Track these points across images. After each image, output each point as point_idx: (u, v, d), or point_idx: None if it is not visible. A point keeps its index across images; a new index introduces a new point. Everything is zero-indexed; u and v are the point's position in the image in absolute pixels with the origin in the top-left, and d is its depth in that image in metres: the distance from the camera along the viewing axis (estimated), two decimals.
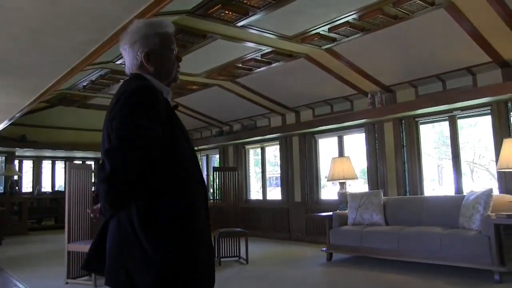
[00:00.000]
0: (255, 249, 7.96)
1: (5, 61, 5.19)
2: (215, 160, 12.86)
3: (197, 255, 1.84)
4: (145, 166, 1.75)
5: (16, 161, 13.40)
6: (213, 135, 12.03)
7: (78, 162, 14.17)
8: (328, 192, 9.80)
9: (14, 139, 11.93)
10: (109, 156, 1.76)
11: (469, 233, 5.42)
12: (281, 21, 5.74)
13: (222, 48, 6.53)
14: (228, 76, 8.27)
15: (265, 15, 5.47)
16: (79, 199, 5.95)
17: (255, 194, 11.40)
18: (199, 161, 1.98)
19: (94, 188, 12.58)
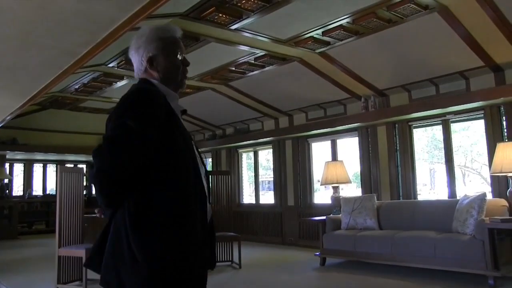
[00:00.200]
0: (248, 253, 7.91)
1: None
2: (208, 164, 12.81)
3: (186, 261, 1.80)
4: (134, 167, 1.72)
5: (6, 164, 13.30)
6: (205, 139, 11.98)
7: (69, 165, 14.06)
8: (321, 196, 9.78)
9: (4, 142, 11.81)
10: (95, 156, 1.74)
11: (463, 238, 5.41)
12: (274, 24, 5.72)
13: (215, 51, 6.49)
14: (221, 79, 8.24)
15: (258, 18, 5.45)
16: (71, 203, 5.87)
17: (247, 198, 11.36)
18: (203, 164, 1.99)
19: (85, 191, 12.57)
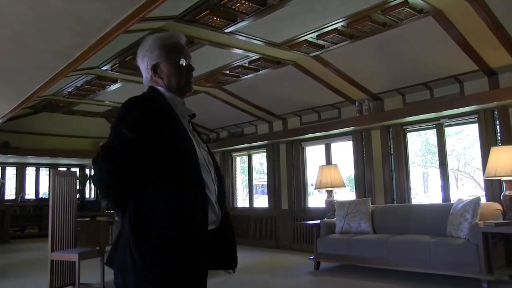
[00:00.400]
0: (241, 257, 7.76)
1: None
2: None
3: (184, 267, 1.84)
4: (130, 173, 1.83)
5: None
6: None
7: (63, 169, 14.00)
8: (315, 200, 9.77)
9: None
10: (93, 163, 1.87)
11: (457, 242, 5.41)
12: (269, 27, 5.71)
13: (209, 54, 6.45)
14: (215, 83, 8.21)
15: (253, 21, 5.43)
16: (64, 206, 5.83)
17: (241, 201, 11.33)
18: (215, 168, 2.01)
19: (78, 195, 12.50)
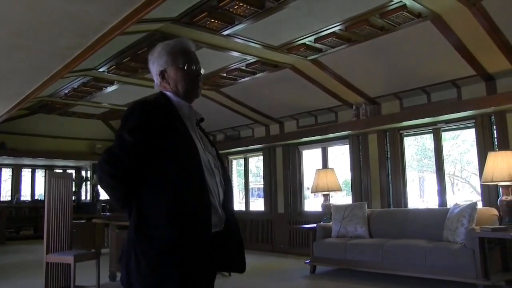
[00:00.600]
0: None
1: None
2: None
3: (185, 267, 1.87)
4: (131, 176, 1.91)
5: None
6: None
7: (58, 170, 13.94)
8: (311, 203, 9.74)
9: None
10: (97, 167, 1.96)
11: (454, 246, 5.40)
12: (267, 30, 5.70)
13: (207, 57, 6.40)
14: (212, 85, 8.19)
15: (251, 24, 5.42)
16: (59, 208, 5.81)
17: (237, 205, 11.29)
18: (221, 170, 2.03)
19: (74, 197, 12.44)
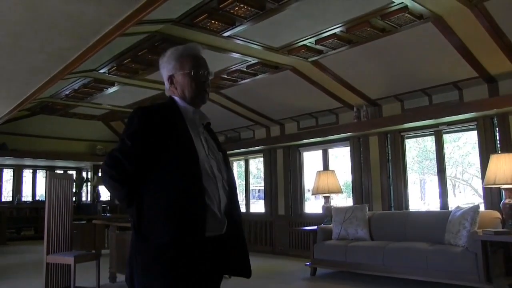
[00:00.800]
0: None
1: None
2: None
3: (175, 267, 1.91)
4: (130, 179, 1.97)
5: None
6: None
7: (59, 171, 13.93)
8: (312, 205, 9.72)
9: None
10: (101, 167, 2.08)
11: (456, 249, 5.36)
12: (267, 32, 5.68)
13: (207, 58, 6.29)
14: (212, 87, 8.17)
15: (251, 25, 5.40)
16: (60, 209, 5.79)
17: None
18: (226, 172, 2.06)
19: (75, 198, 12.42)
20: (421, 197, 12.53)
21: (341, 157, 9.18)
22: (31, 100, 6.79)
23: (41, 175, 14.55)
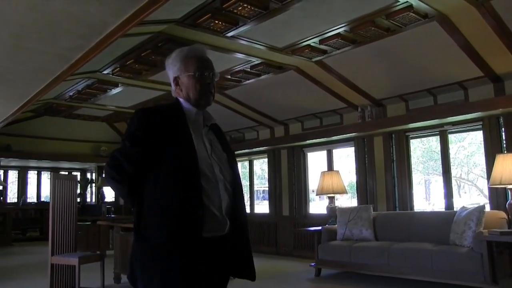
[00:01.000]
0: None
1: None
2: None
3: (171, 265, 1.91)
4: (133, 177, 1.99)
5: (1, 171, 13.22)
6: None
7: (64, 172, 13.97)
8: (316, 206, 9.70)
9: None
10: (104, 168, 2.10)
11: (461, 250, 5.32)
12: (271, 32, 5.66)
13: (211, 59, 6.34)
14: (216, 87, 8.04)
15: (255, 25, 5.38)
16: (64, 210, 5.79)
17: None
18: (218, 176, 2.06)
19: (79, 199, 12.45)
20: (426, 197, 12.49)
21: (346, 158, 9.15)
22: (35, 101, 6.79)
23: (45, 177, 14.59)
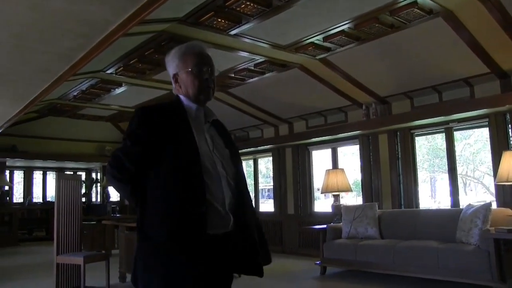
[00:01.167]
0: None
1: None
2: None
3: (172, 263, 1.90)
4: (134, 175, 1.99)
5: (7, 172, 13.25)
6: None
7: (69, 172, 13.99)
8: (321, 204, 9.67)
9: (4, 149, 11.70)
10: (106, 168, 2.09)
11: (467, 248, 5.28)
12: (275, 30, 5.63)
13: (214, 57, 6.23)
14: (220, 86, 8.13)
15: (258, 23, 5.35)
16: (69, 210, 5.81)
17: None
18: (221, 172, 2.04)
19: (84, 199, 12.47)
20: (432, 195, 12.43)
21: (350, 155, 9.11)
22: (38, 101, 6.78)
23: (51, 177, 14.65)
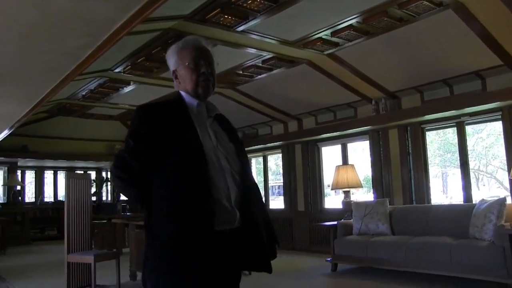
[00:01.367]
0: None
1: None
2: None
3: (180, 261, 1.87)
4: (139, 175, 1.96)
5: (18, 172, 13.36)
6: None
7: (79, 172, 14.04)
8: (331, 201, 9.62)
9: (15, 150, 11.79)
10: (111, 168, 2.17)
11: (481, 244, 5.20)
12: (282, 25, 5.58)
13: (221, 54, 6.29)
14: (228, 83, 8.11)
15: (265, 19, 5.31)
16: (79, 209, 5.80)
17: None
18: (225, 167, 2.01)
19: (95, 198, 12.49)
20: (443, 190, 12.32)
21: (361, 151, 9.05)
22: (46, 101, 6.79)
23: (62, 176, 14.69)
